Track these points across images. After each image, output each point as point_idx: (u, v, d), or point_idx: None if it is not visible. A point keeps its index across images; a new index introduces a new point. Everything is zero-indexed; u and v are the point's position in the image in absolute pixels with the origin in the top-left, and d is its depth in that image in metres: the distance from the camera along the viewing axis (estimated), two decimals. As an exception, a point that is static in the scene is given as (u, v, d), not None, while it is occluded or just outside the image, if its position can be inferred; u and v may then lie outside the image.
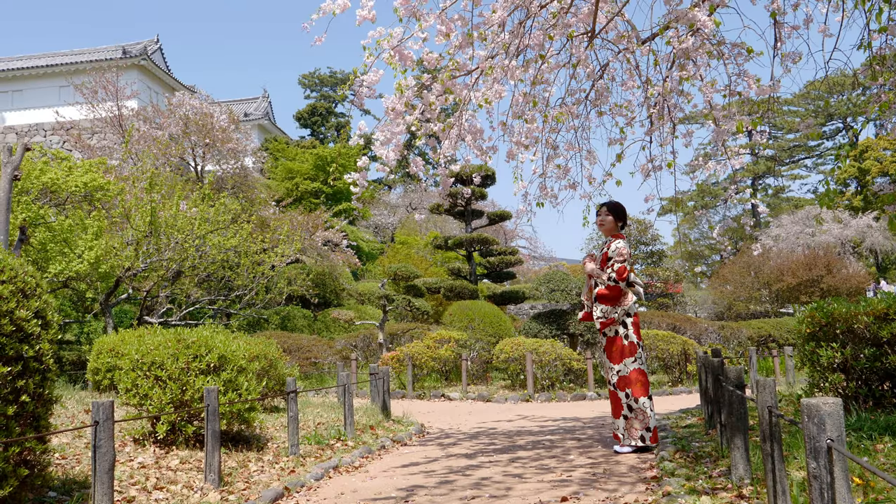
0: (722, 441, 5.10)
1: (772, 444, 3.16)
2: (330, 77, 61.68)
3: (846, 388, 5.48)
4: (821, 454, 2.22)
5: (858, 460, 2.02)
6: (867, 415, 5.05)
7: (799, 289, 22.56)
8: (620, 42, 6.66)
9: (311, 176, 32.84)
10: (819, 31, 5.96)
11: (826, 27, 5.97)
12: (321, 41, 6.02)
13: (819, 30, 5.96)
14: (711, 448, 5.42)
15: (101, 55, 35.46)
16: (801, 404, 2.30)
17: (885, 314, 5.25)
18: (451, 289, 20.92)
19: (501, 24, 6.13)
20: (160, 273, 13.93)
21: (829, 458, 2.21)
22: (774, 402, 3.21)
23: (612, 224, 6.50)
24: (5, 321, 3.72)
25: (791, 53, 6.20)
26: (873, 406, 5.34)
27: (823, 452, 2.21)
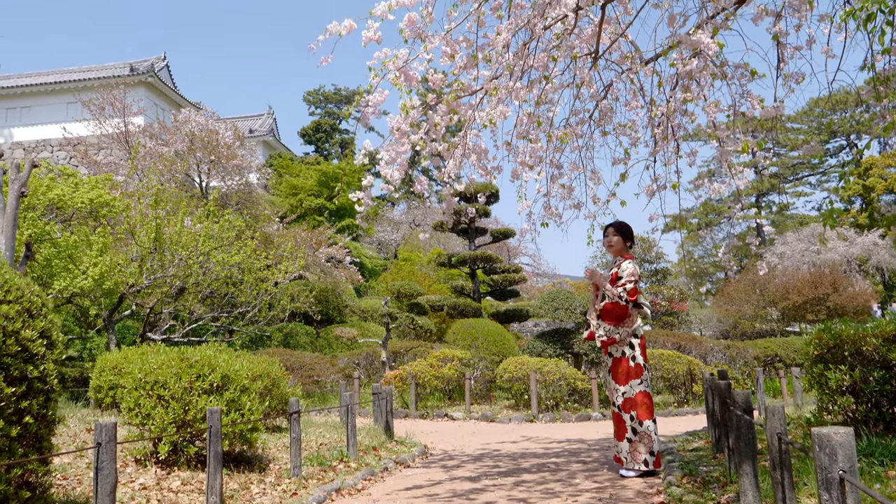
0: (730, 466, 5.05)
1: (782, 473, 3.12)
2: (335, 94, 62.01)
3: (855, 411, 5.42)
4: (833, 486, 2.19)
5: (872, 493, 1.98)
6: (878, 439, 4.99)
7: (805, 307, 22.46)
8: (624, 63, 6.68)
9: (315, 192, 32.91)
10: (822, 52, 5.97)
11: (829, 48, 5.98)
12: (327, 62, 6.04)
13: (822, 51, 5.97)
14: (719, 473, 5.36)
15: (109, 72, 35.71)
16: (811, 434, 2.27)
17: (894, 336, 5.20)
18: (454, 306, 20.87)
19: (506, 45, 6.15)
20: (164, 289, 13.93)
21: (841, 489, 2.17)
22: (784, 429, 3.17)
23: (621, 244, 6.48)
24: (11, 341, 3.71)
25: (794, 74, 6.20)
26: (884, 430, 5.28)
27: (836, 484, 2.18)
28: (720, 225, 46.68)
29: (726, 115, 6.21)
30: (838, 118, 44.91)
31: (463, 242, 28.57)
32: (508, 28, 6.01)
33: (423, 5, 5.85)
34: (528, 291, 34.35)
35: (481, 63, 6.26)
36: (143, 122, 29.87)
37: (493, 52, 6.19)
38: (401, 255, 35.63)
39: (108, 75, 34.71)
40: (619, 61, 6.72)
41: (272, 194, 34.48)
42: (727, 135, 6.26)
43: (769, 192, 47.61)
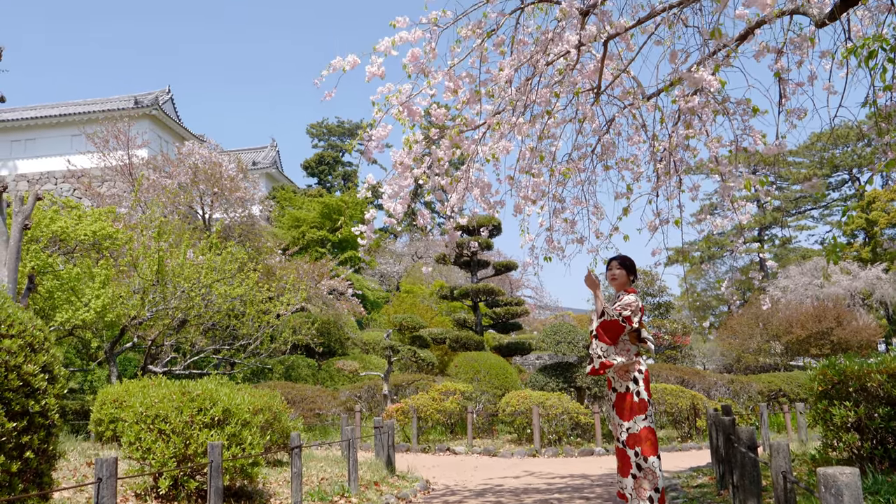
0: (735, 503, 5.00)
1: (788, 511, 3.09)
2: (338, 126, 62.49)
3: (861, 448, 5.37)
4: (840, 527, 2.16)
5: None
6: (883, 477, 4.94)
7: (809, 341, 22.35)
8: (626, 98, 6.74)
9: (318, 224, 33.01)
10: (824, 89, 6.02)
11: (831, 85, 6.02)
12: (331, 96, 6.11)
13: (824, 87, 6.02)
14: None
15: (114, 105, 36.04)
16: (817, 474, 2.25)
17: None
18: (456, 339, 20.80)
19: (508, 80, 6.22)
20: (166, 322, 13.91)
21: (848, 530, 2.15)
22: (789, 467, 3.14)
23: (624, 278, 6.46)
24: (12, 376, 3.70)
25: (796, 110, 6.25)
26: (889, 468, 5.23)
27: (843, 525, 2.16)
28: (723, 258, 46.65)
29: (728, 149, 6.25)
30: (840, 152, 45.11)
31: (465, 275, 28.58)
32: (511, 64, 6.08)
33: (426, 41, 5.93)
34: (531, 324, 34.26)
35: (484, 98, 6.33)
36: (146, 154, 30.09)
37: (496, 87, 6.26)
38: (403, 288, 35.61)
39: (113, 108, 35.04)
40: (621, 96, 6.78)
41: (275, 226, 34.59)
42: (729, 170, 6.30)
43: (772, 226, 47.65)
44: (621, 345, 6.28)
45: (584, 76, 6.50)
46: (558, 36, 5.89)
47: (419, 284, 35.20)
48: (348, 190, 52.92)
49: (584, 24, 5.81)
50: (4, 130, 36.67)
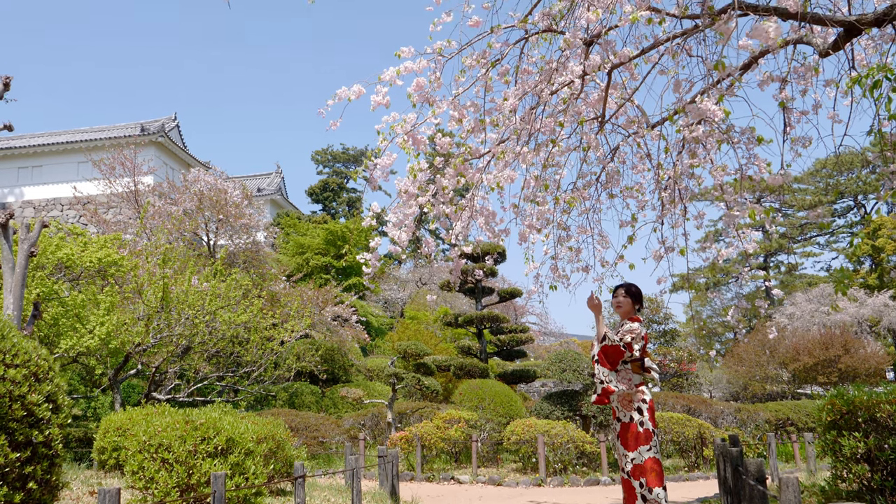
0: (744, 535, 4.93)
1: (799, 546, 3.04)
2: (342, 153, 62.83)
3: (871, 479, 5.30)
4: (854, 564, 2.13)
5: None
6: (894, 509, 4.87)
7: (816, 369, 22.18)
8: (630, 127, 6.77)
9: (322, 251, 33.04)
10: (828, 118, 6.03)
11: (835, 113, 6.02)
12: (336, 126, 6.14)
13: (828, 116, 6.02)
14: (733, 542, 5.23)
15: (120, 132, 36.32)
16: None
17: (908, 403, 5.12)
18: (461, 367, 20.71)
19: (513, 109, 6.26)
20: (170, 348, 13.89)
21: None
22: (798, 500, 3.10)
23: (629, 306, 6.44)
24: (17, 406, 3.69)
25: (801, 138, 6.26)
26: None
27: (856, 562, 2.12)
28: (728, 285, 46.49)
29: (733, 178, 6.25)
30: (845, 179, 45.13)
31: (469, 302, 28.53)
32: (515, 94, 6.12)
33: (430, 71, 5.98)
34: (535, 351, 34.13)
35: (489, 127, 6.36)
36: (152, 181, 30.27)
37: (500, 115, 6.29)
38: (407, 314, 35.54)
39: (120, 135, 35.30)
40: (625, 125, 6.81)
41: (279, 253, 34.64)
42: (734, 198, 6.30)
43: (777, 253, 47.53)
44: (622, 373, 6.24)
45: (589, 105, 6.54)
46: (562, 65, 5.93)
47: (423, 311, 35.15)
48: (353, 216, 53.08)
49: (587, 55, 5.85)
50: (12, 157, 36.94)
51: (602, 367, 6.21)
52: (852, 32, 5.26)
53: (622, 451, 6.15)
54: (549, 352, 33.34)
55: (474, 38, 6.02)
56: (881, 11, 5.07)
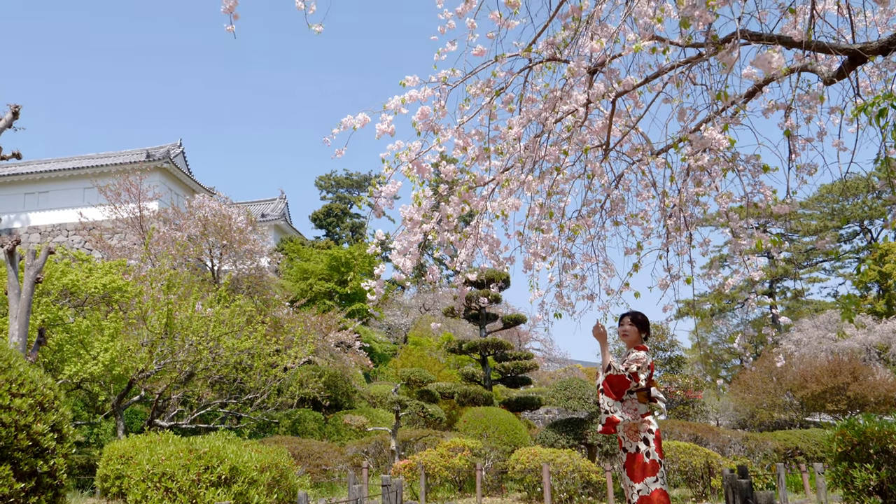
0: (754, 569, 4.84)
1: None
2: (346, 179, 63.09)
3: (883, 512, 5.23)
4: None
5: None
6: (908, 543, 4.80)
7: (824, 396, 21.96)
8: (635, 154, 6.77)
9: (326, 276, 33.04)
10: (834, 145, 6.03)
11: (841, 141, 6.03)
12: (342, 154, 6.16)
13: (833, 143, 6.03)
14: (743, 576, 5.14)
15: (126, 158, 36.56)
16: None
17: (919, 434, 5.06)
18: (464, 394, 20.59)
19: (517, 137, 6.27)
20: (173, 375, 13.84)
21: None
22: (812, 535, 3.05)
23: (636, 334, 6.39)
24: (22, 436, 3.67)
25: (806, 165, 6.25)
26: (913, 533, 5.08)
27: None
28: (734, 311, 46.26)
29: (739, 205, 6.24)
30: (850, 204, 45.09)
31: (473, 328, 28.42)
32: (520, 122, 6.13)
33: (435, 99, 6.00)
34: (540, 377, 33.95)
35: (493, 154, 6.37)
36: (157, 206, 30.40)
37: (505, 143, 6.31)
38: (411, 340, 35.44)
39: (125, 161, 35.53)
40: (629, 153, 6.82)
41: (283, 278, 34.65)
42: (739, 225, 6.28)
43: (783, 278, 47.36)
44: (628, 402, 6.18)
45: (593, 133, 6.55)
46: (566, 94, 5.95)
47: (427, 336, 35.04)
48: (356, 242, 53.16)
49: (591, 83, 5.88)
50: (18, 183, 37.16)
51: (607, 397, 6.15)
52: (857, 60, 5.28)
53: (628, 483, 6.06)
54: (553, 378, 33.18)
55: (479, 67, 6.05)
56: (886, 39, 5.09)
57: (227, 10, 4.38)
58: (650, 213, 7.04)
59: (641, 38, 5.26)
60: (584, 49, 5.84)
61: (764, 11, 5.44)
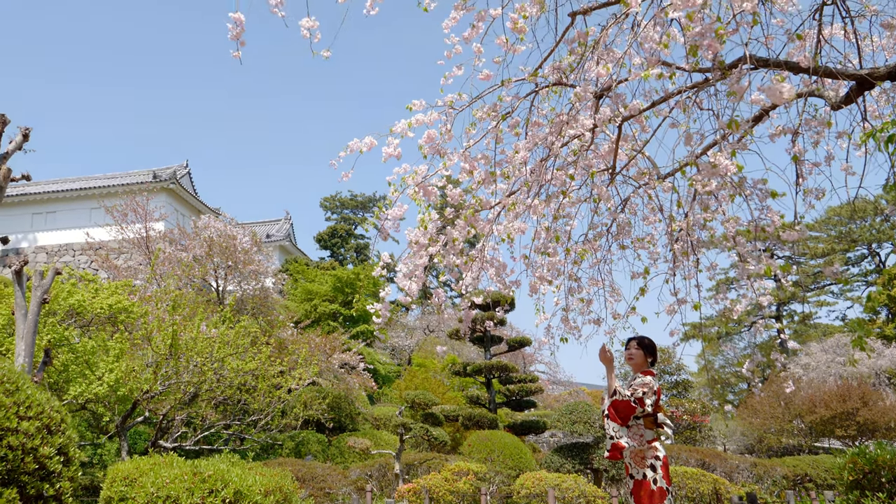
0: None
1: None
2: (351, 200, 63.27)
3: (895, 541, 5.15)
4: None
5: None
6: (921, 574, 4.72)
7: (833, 422, 21.74)
8: (641, 178, 6.77)
9: (330, 297, 33.02)
10: (842, 170, 6.02)
11: (849, 165, 6.02)
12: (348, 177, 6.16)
13: (841, 168, 6.02)
14: None
15: (133, 179, 36.77)
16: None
17: (931, 461, 5.00)
18: (469, 417, 20.47)
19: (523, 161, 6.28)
20: (178, 396, 13.78)
21: None
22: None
23: (642, 359, 6.34)
24: (29, 459, 3.65)
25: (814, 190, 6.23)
26: (927, 563, 5.00)
27: None
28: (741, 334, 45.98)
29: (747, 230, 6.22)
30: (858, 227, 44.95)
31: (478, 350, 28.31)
32: (526, 146, 6.15)
33: (441, 123, 6.02)
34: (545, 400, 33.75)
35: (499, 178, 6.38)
36: (163, 227, 30.49)
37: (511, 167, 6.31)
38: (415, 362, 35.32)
39: (132, 182, 35.73)
40: (636, 177, 6.82)
41: (287, 299, 34.65)
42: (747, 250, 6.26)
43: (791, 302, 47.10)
44: (634, 428, 6.13)
45: (599, 157, 6.56)
46: (573, 118, 5.97)
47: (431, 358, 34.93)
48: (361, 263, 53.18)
49: (598, 108, 5.89)
50: (26, 203, 37.37)
51: (612, 423, 6.10)
52: (864, 86, 5.29)
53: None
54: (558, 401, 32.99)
55: (485, 91, 6.08)
56: (893, 65, 5.10)
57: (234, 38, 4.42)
58: (657, 237, 7.03)
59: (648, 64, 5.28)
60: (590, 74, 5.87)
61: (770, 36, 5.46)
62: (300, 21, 4.89)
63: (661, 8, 5.17)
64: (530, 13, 5.80)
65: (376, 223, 6.32)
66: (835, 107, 5.46)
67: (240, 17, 4.51)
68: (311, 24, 4.92)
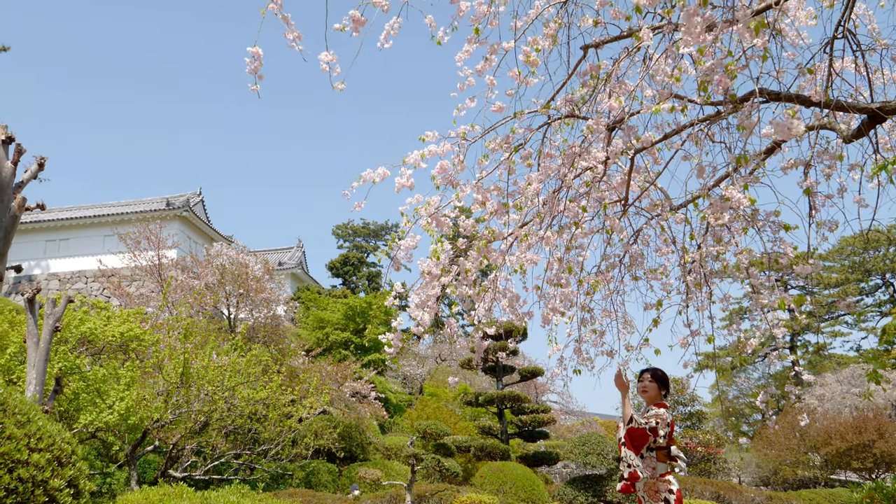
0: None
1: None
2: (363, 228, 63.47)
3: (916, 581, 5.04)
4: None
5: None
6: None
7: (849, 454, 21.40)
8: (654, 210, 6.77)
9: (342, 326, 32.99)
10: (854, 202, 6.00)
11: (861, 198, 6.00)
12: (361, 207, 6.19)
13: (854, 200, 6.00)
14: None
15: (146, 206, 37.03)
16: None
17: (950, 499, 4.91)
18: (481, 448, 20.29)
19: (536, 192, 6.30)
20: (188, 425, 13.74)
21: None
22: None
23: (656, 391, 6.29)
24: (39, 491, 3.64)
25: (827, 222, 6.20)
26: None
27: None
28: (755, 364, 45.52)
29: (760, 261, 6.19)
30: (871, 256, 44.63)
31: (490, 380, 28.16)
32: (538, 178, 6.17)
33: (454, 153, 6.05)
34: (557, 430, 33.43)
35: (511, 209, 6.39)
36: (175, 255, 30.66)
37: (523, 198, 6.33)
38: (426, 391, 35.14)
39: (146, 210, 35.98)
40: (648, 208, 6.81)
41: (299, 327, 34.64)
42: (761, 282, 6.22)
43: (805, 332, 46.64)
44: (647, 460, 6.06)
45: (611, 188, 6.57)
46: (585, 150, 5.99)
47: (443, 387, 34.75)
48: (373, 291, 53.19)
49: (610, 140, 5.91)
50: (40, 231, 37.68)
51: (629, 451, 6.04)
52: (876, 119, 5.28)
53: (650, 544, 5.91)
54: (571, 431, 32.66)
55: (497, 123, 6.12)
56: (904, 99, 5.10)
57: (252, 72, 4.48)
58: (669, 268, 7.00)
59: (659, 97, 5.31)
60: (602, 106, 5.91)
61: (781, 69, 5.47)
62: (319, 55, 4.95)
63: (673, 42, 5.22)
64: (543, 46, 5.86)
65: (389, 253, 6.34)
66: (847, 140, 5.46)
67: (258, 52, 4.57)
68: (330, 57, 4.98)
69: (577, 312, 6.91)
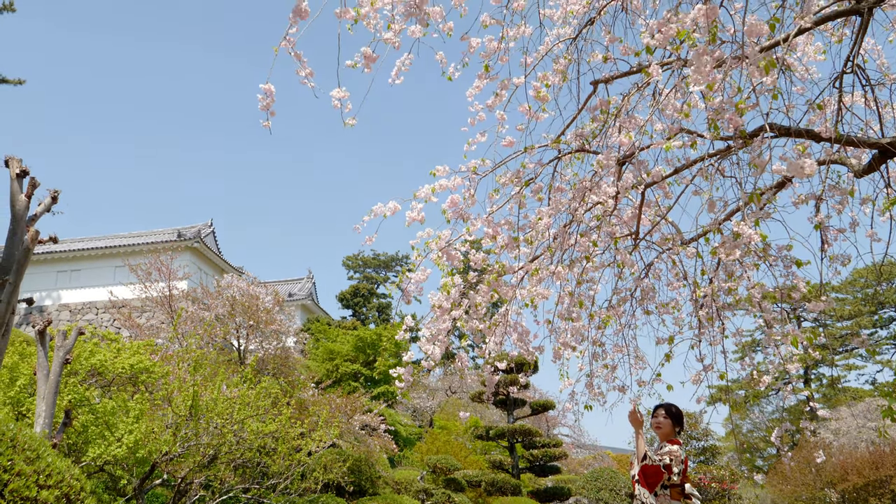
0: None
1: None
2: (373, 259, 63.55)
3: None
4: None
5: None
6: None
7: (867, 490, 21.02)
8: (665, 244, 6.76)
9: (352, 357, 32.88)
10: (867, 236, 5.97)
11: (874, 232, 5.97)
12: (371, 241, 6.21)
13: (867, 234, 5.97)
14: None
15: (157, 237, 37.25)
16: None
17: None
18: (492, 483, 20.07)
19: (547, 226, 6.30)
20: (197, 458, 13.65)
21: None
22: None
23: (669, 427, 6.22)
24: (44, 530, 3.62)
25: (839, 256, 6.18)
26: None
27: None
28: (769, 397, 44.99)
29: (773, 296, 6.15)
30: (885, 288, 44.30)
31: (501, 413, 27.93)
32: (549, 212, 6.18)
33: (465, 188, 6.08)
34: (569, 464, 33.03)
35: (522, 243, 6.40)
36: (186, 286, 30.74)
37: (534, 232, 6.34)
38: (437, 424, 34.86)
39: (157, 241, 36.18)
40: (659, 242, 6.81)
41: (308, 359, 34.56)
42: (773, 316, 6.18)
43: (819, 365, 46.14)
44: (661, 498, 5.97)
45: (622, 222, 6.57)
46: (596, 184, 6.01)
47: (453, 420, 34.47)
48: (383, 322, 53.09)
49: (620, 174, 5.93)
50: (51, 262, 37.91)
51: (643, 489, 5.97)
52: (887, 154, 5.28)
53: (665, 585, 5.80)
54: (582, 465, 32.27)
55: (508, 157, 6.16)
56: (915, 134, 5.10)
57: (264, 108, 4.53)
58: (681, 302, 6.98)
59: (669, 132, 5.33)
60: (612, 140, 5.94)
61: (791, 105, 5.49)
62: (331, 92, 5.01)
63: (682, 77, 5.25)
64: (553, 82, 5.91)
65: (400, 286, 6.34)
66: (858, 174, 5.46)
67: (270, 89, 4.63)
68: (342, 94, 5.04)
69: (588, 347, 6.89)
